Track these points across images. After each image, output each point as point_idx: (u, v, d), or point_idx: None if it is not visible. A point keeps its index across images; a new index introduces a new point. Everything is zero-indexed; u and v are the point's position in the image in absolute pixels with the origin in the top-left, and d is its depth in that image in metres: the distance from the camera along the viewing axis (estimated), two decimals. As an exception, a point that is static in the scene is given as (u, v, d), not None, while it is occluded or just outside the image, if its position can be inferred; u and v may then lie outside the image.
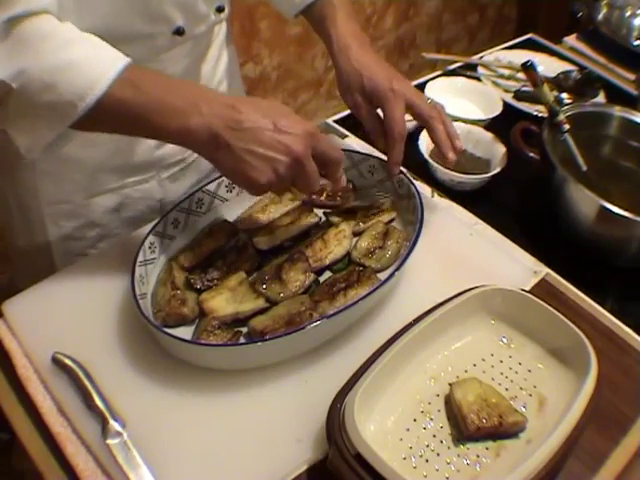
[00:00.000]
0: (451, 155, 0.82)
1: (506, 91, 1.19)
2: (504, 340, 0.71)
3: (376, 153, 0.97)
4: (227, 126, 0.64)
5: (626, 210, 0.80)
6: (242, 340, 0.73)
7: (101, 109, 0.62)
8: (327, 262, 0.80)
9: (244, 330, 0.73)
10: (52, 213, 0.89)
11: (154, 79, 0.65)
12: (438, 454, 0.61)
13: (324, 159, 0.70)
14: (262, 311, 0.74)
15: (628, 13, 1.38)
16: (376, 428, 0.62)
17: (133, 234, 0.85)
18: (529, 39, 1.41)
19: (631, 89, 1.21)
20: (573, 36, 1.41)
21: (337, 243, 0.81)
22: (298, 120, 0.68)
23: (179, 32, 0.80)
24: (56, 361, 0.70)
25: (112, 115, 0.64)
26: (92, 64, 0.61)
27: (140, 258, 0.74)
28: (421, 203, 0.81)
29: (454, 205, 0.94)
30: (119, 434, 0.65)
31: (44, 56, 0.60)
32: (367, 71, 0.82)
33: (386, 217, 0.86)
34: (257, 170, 0.65)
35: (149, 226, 0.79)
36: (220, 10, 0.86)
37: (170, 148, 0.91)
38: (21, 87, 0.60)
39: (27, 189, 0.87)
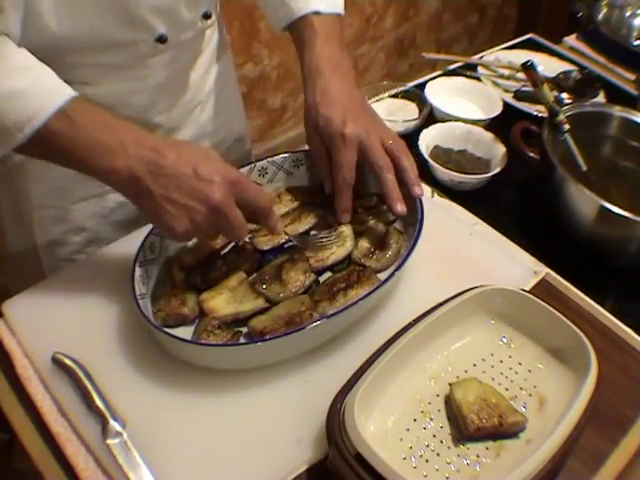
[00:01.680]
0: (399, 208, 0.77)
1: (506, 91, 1.19)
2: (504, 340, 0.71)
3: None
4: (149, 170, 0.64)
5: (626, 210, 0.80)
6: (242, 340, 0.73)
7: (37, 140, 0.63)
8: (329, 262, 0.80)
9: (244, 330, 0.73)
10: (40, 217, 0.89)
11: (92, 116, 0.65)
12: (438, 454, 0.61)
13: (251, 208, 0.69)
14: (262, 311, 0.74)
15: (628, 13, 1.38)
16: (376, 428, 0.62)
17: (132, 235, 0.85)
18: (529, 39, 1.41)
19: (631, 89, 1.21)
20: (573, 36, 1.40)
21: (339, 245, 0.81)
22: (222, 167, 0.67)
23: (161, 40, 0.79)
24: (56, 361, 0.70)
25: (47, 147, 0.65)
26: (36, 95, 0.62)
27: (140, 258, 0.74)
28: (421, 203, 0.81)
29: (454, 205, 0.94)
30: (119, 434, 0.65)
31: None
32: (324, 108, 0.78)
33: (387, 217, 0.86)
34: (174, 218, 0.65)
35: (147, 227, 0.79)
36: (207, 17, 0.85)
37: None
38: None
39: (19, 192, 0.87)
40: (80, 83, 0.75)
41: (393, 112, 1.11)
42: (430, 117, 1.08)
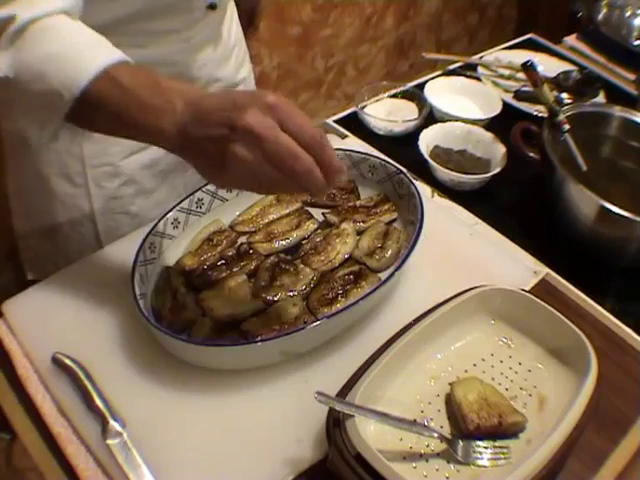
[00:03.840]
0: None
1: (506, 91, 1.19)
2: (504, 340, 0.71)
3: (376, 153, 0.97)
4: (193, 119, 0.59)
5: (626, 210, 0.80)
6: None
7: (84, 102, 0.62)
8: (337, 263, 0.80)
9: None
10: (95, 176, 0.92)
11: (139, 77, 0.64)
12: (438, 454, 0.61)
13: (298, 137, 0.56)
14: (258, 313, 0.74)
15: (628, 13, 1.38)
16: (376, 428, 0.62)
17: (133, 234, 0.85)
18: (529, 39, 1.41)
19: (631, 89, 1.21)
20: (573, 36, 1.41)
21: (342, 242, 0.82)
22: (260, 93, 0.58)
23: (212, 6, 0.86)
24: (56, 361, 0.70)
25: (94, 109, 0.63)
26: (81, 56, 0.62)
27: (140, 258, 0.74)
28: (421, 203, 0.81)
29: (454, 205, 0.94)
30: (119, 434, 0.65)
31: (38, 45, 0.61)
32: None
33: (387, 217, 0.87)
34: (212, 157, 0.58)
35: (149, 226, 0.79)
36: None
37: None
38: (16, 76, 0.61)
39: (73, 156, 0.91)
40: (132, 46, 0.77)
41: (393, 112, 1.11)
42: (430, 117, 1.08)
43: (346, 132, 1.07)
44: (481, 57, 1.30)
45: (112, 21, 0.76)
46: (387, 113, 1.10)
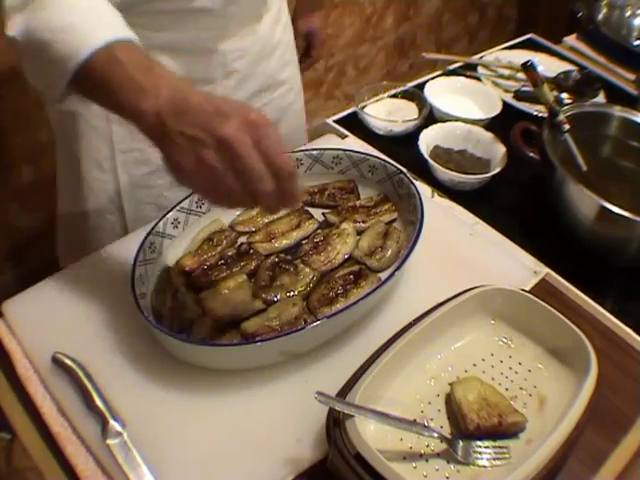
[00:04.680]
0: None
1: (506, 91, 1.19)
2: (504, 340, 0.71)
3: (376, 153, 0.97)
4: (173, 112, 0.59)
5: (626, 210, 0.80)
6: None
7: (84, 73, 0.62)
8: (337, 263, 0.80)
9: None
10: (124, 161, 0.92)
11: (136, 58, 0.63)
12: (438, 454, 0.61)
13: (270, 161, 0.57)
14: (258, 313, 0.74)
15: (628, 13, 1.38)
16: (376, 428, 0.62)
17: (133, 234, 0.85)
18: (529, 39, 1.41)
19: (631, 89, 1.21)
20: (573, 36, 1.41)
21: (342, 242, 0.82)
22: (246, 108, 0.58)
23: None
24: (56, 361, 0.70)
25: (90, 81, 0.63)
26: (90, 30, 0.62)
27: (140, 258, 0.74)
28: (421, 203, 0.81)
29: (454, 205, 0.94)
30: (119, 434, 0.65)
31: (51, 14, 0.63)
32: None
33: (387, 217, 0.87)
34: (181, 151, 0.58)
35: (149, 226, 0.79)
36: None
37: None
38: (25, 40, 0.64)
39: (102, 139, 0.90)
40: (164, 30, 0.81)
41: (393, 112, 1.11)
42: (430, 117, 1.08)
43: (346, 132, 1.07)
44: (481, 57, 1.30)
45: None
46: (387, 113, 1.10)
